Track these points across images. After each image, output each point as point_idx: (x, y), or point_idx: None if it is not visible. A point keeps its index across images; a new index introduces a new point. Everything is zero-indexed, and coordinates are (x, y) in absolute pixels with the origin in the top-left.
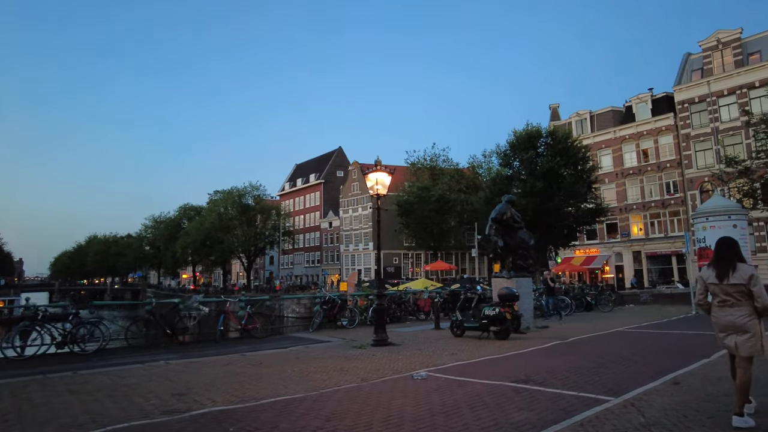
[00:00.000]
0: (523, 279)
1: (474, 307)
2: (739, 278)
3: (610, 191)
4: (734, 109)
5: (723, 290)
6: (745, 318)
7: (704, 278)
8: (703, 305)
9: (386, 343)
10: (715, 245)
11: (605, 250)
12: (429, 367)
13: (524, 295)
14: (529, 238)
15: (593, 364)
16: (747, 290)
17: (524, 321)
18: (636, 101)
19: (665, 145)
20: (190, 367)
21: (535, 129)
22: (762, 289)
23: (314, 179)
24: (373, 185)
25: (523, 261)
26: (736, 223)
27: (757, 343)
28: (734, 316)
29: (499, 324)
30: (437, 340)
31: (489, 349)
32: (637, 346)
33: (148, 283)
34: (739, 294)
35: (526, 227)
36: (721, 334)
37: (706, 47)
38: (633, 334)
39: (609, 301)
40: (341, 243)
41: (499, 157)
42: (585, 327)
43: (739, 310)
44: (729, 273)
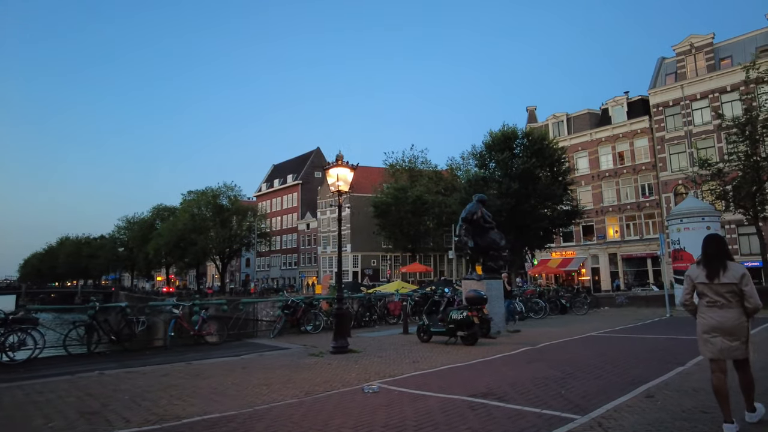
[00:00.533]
0: (493, 281)
1: (442, 311)
2: (731, 277)
3: (587, 193)
4: (707, 113)
5: (713, 290)
6: (736, 321)
7: (692, 277)
8: (689, 306)
9: (346, 350)
10: (702, 243)
11: (581, 252)
12: (384, 378)
13: (495, 298)
14: (500, 238)
15: (561, 374)
16: (738, 290)
17: (495, 325)
18: (612, 104)
19: (641, 147)
20: (122, 378)
21: (510, 130)
22: (753, 289)
23: (292, 180)
24: (334, 182)
25: (494, 262)
26: (709, 224)
27: (742, 347)
28: (724, 318)
29: (466, 329)
30: (402, 347)
31: (454, 356)
32: (610, 353)
33: (122, 285)
34: (731, 294)
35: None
36: (706, 335)
37: (680, 51)
38: (606, 339)
39: (584, 304)
40: (319, 245)
41: (474, 158)
42: (558, 331)
43: (730, 312)
44: (720, 272)
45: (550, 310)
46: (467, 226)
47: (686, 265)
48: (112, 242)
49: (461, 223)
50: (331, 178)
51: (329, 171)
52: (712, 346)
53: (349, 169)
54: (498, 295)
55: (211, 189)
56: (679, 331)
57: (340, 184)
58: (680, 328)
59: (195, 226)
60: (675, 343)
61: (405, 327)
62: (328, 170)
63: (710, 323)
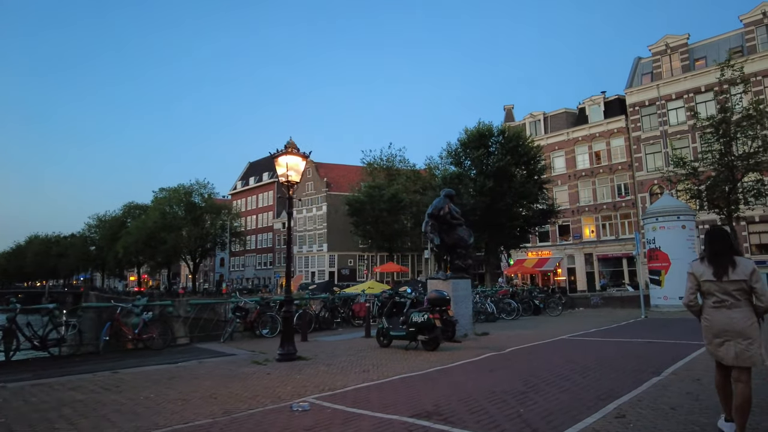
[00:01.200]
0: (461, 281)
1: (405, 312)
2: (741, 274)
3: (563, 193)
4: (682, 113)
5: (722, 289)
6: (746, 321)
7: (697, 275)
8: (694, 306)
9: (293, 357)
10: (706, 237)
11: (557, 252)
12: (323, 392)
13: (461, 299)
14: (468, 236)
15: (524, 386)
16: (748, 287)
17: (462, 327)
18: (589, 103)
19: (617, 147)
20: (18, 394)
21: (486, 127)
22: (765, 286)
23: (267, 178)
24: (284, 172)
25: (462, 261)
26: (684, 223)
27: (757, 352)
28: (733, 319)
29: (427, 332)
30: (358, 352)
31: (410, 363)
32: (580, 360)
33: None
34: (740, 293)
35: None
36: (716, 339)
37: (656, 51)
38: (578, 344)
39: (558, 305)
40: (294, 244)
41: (450, 156)
42: (528, 334)
43: (739, 312)
44: (728, 269)
45: (523, 310)
46: (433, 222)
47: (661, 264)
48: (82, 241)
49: (427, 218)
50: (280, 168)
51: (278, 159)
52: (725, 352)
53: (300, 157)
54: (465, 295)
55: (184, 186)
56: (655, 333)
57: (290, 173)
58: (656, 331)
59: (165, 224)
60: (650, 348)
61: (367, 330)
62: (276, 158)
63: (718, 325)
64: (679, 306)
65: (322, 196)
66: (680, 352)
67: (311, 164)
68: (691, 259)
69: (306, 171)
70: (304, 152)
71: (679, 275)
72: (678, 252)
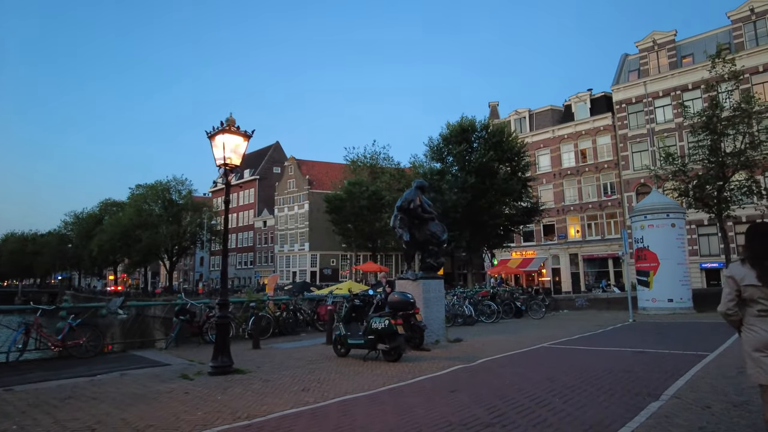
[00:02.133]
0: (432, 281)
1: (366, 318)
2: None
3: (548, 192)
4: (669, 111)
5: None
6: None
7: (737, 278)
8: (733, 316)
9: (228, 370)
10: (747, 235)
11: (542, 252)
12: (237, 422)
13: (433, 302)
14: (441, 231)
15: (488, 415)
16: None
17: (432, 333)
18: (575, 100)
19: (603, 145)
20: None
21: (468, 122)
22: None
23: (249, 175)
24: (221, 154)
25: (434, 259)
26: (674, 222)
27: None
28: None
29: (388, 341)
30: (309, 363)
31: (362, 379)
32: (561, 376)
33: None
34: None
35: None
36: (758, 353)
37: (643, 48)
38: (559, 354)
39: (541, 307)
40: (276, 243)
41: (431, 151)
42: (506, 340)
43: None
44: None
45: (505, 313)
46: (403, 216)
47: (650, 265)
48: (58, 239)
49: (396, 212)
50: (217, 149)
51: (214, 138)
52: (766, 368)
53: (241, 136)
54: (437, 297)
55: (161, 183)
56: (645, 340)
57: (230, 155)
58: (645, 337)
59: (141, 222)
60: (642, 361)
61: (329, 336)
62: (213, 137)
63: (765, 337)
64: (668, 309)
65: (304, 194)
66: (678, 365)
67: (293, 161)
68: (680, 259)
69: (287, 168)
70: (245, 131)
71: (669, 276)
72: (667, 252)
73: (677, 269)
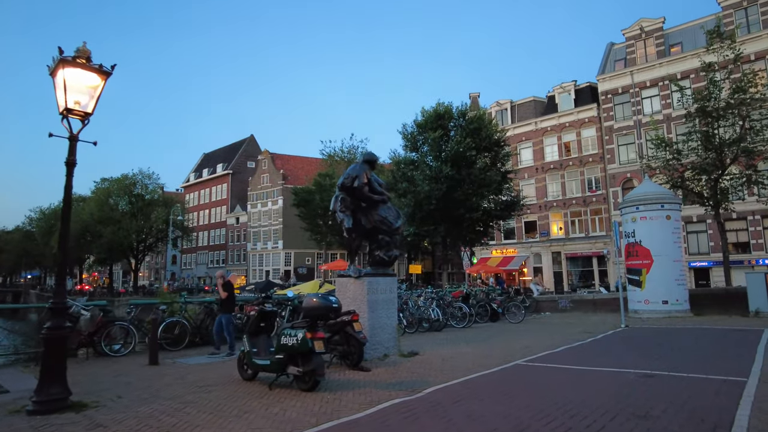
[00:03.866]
0: (381, 279)
1: (279, 327)
2: None
3: (530, 187)
4: (657, 102)
5: None
6: None
7: None
8: None
9: (58, 406)
10: None
11: (523, 250)
12: None
13: (381, 305)
14: (395, 217)
15: None
16: None
17: (379, 346)
18: (559, 90)
19: (588, 138)
20: None
21: (445, 108)
22: None
23: (221, 170)
24: (63, 96)
25: (385, 252)
26: (670, 213)
27: None
28: None
29: (302, 362)
30: (194, 392)
31: (241, 427)
32: (538, 425)
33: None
34: None
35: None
36: None
37: (630, 36)
38: (538, 377)
39: (521, 309)
40: (248, 241)
41: (405, 139)
42: (472, 354)
43: None
44: None
45: (480, 316)
46: (345, 197)
47: (642, 262)
48: (22, 235)
49: (337, 192)
50: (59, 90)
51: (55, 73)
52: None
53: (95, 73)
54: (388, 299)
55: (127, 176)
56: (649, 355)
57: (77, 99)
58: (646, 349)
59: (103, 217)
60: (657, 392)
61: None
62: (54, 72)
63: None
64: (662, 312)
65: (278, 189)
66: (713, 402)
67: (267, 155)
68: (676, 255)
69: (261, 162)
70: (101, 65)
71: (663, 275)
72: (662, 247)
73: (673, 267)
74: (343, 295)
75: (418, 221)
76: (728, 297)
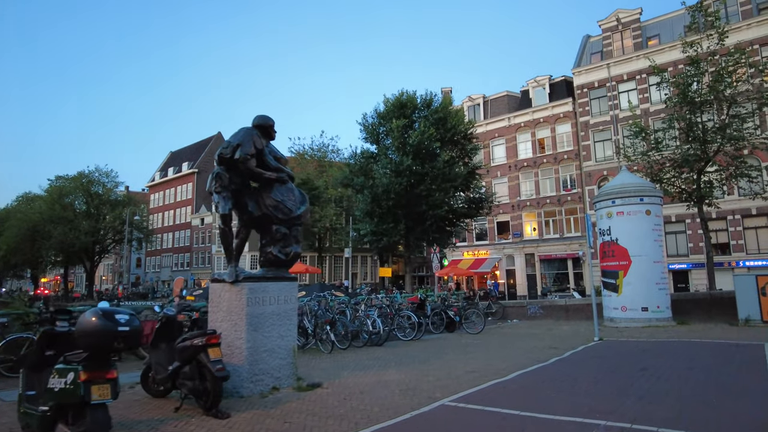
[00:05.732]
0: (272, 285)
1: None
2: None
3: (503, 186)
4: (634, 96)
5: None
6: None
7: None
8: None
9: None
10: None
11: (495, 252)
12: None
13: (269, 321)
14: (296, 202)
15: None
16: None
17: (265, 376)
18: (533, 85)
19: (563, 134)
20: None
21: (409, 96)
22: None
23: (187, 168)
24: None
25: (280, 247)
26: (650, 208)
27: None
28: None
29: (74, 419)
30: None
31: None
32: None
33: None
34: None
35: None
36: None
37: (606, 27)
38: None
39: (481, 317)
40: (213, 243)
41: (365, 130)
42: (394, 385)
43: None
44: None
45: (435, 325)
46: (222, 173)
47: (618, 263)
48: None
49: (216, 166)
50: None
51: None
52: None
53: None
54: (283, 312)
55: (83, 174)
56: (628, 389)
57: None
58: (626, 379)
59: (53, 216)
60: None
61: (145, 371)
62: None
63: None
64: (642, 320)
65: None
66: None
67: None
68: (657, 255)
69: None
70: None
71: (643, 278)
72: (641, 246)
73: (653, 269)
74: (216, 308)
75: (376, 219)
76: (713, 302)
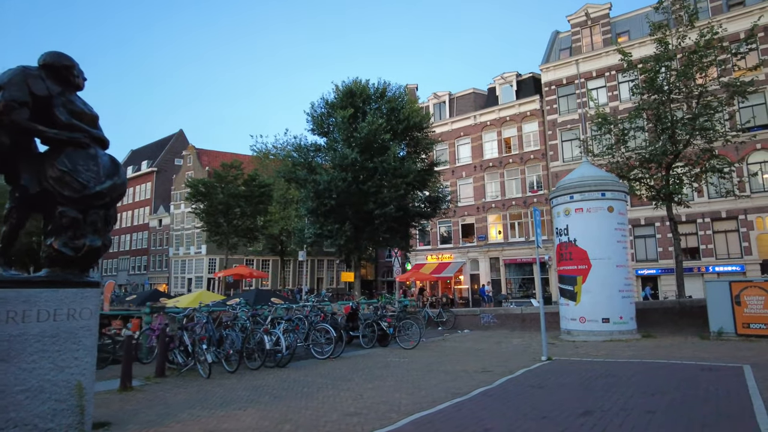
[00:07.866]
0: (45, 293)
1: None
2: None
3: (468, 187)
4: (603, 94)
5: None
6: None
7: None
8: None
9: None
10: None
11: (460, 255)
12: None
13: (38, 343)
14: (98, 173)
15: None
16: None
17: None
18: (500, 82)
19: (530, 133)
20: None
21: (361, 86)
22: None
23: (146, 167)
24: None
25: (67, 239)
26: (612, 204)
27: None
28: None
29: None
30: None
31: None
32: None
33: None
34: None
35: (334, 214)
36: None
37: (575, 23)
38: None
39: (417, 330)
40: (171, 246)
41: (312, 120)
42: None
43: None
44: None
45: (368, 339)
46: None
47: (576, 267)
48: None
49: None
50: None
51: None
52: None
53: None
54: (69, 332)
55: None
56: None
57: None
58: (564, 422)
59: None
60: None
61: None
62: None
63: None
64: (602, 333)
65: None
66: None
67: (192, 150)
68: (620, 258)
69: (186, 159)
70: None
71: (604, 284)
72: (602, 248)
73: (616, 274)
74: None
75: (321, 218)
76: (682, 312)
